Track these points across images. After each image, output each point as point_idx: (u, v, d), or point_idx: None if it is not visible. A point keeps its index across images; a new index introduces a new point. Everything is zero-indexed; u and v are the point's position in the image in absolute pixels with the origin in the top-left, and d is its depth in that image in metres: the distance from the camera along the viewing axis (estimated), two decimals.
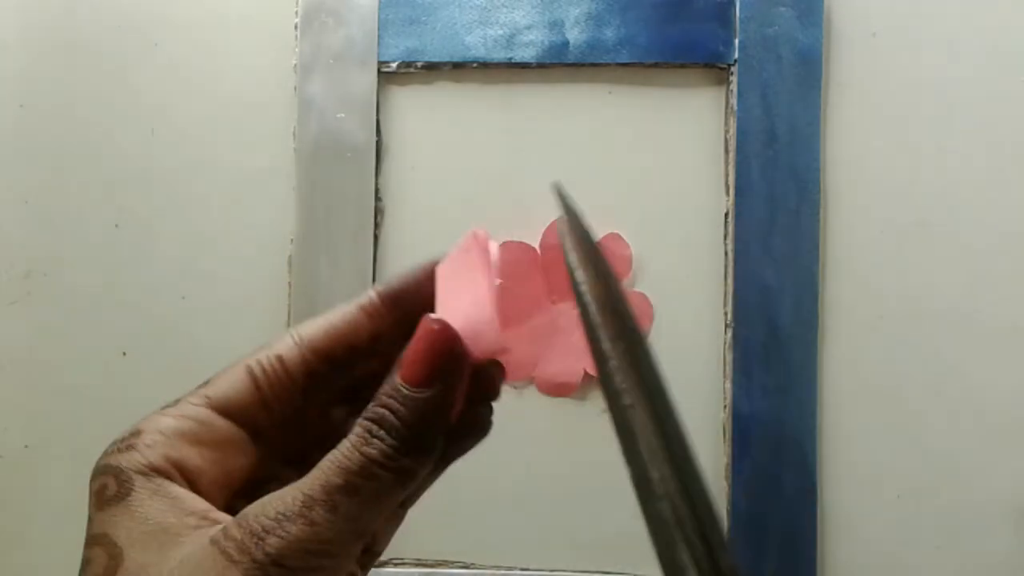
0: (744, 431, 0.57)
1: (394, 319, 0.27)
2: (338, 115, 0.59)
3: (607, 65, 0.59)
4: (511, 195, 0.60)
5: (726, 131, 0.59)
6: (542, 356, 0.59)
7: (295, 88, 0.60)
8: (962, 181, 0.58)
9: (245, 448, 0.25)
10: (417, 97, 0.60)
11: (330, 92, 0.59)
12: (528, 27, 0.59)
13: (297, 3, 0.60)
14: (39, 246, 0.61)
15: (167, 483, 0.23)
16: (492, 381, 0.27)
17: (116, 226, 0.61)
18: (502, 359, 0.27)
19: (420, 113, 0.60)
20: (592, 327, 0.23)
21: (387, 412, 0.23)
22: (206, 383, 0.26)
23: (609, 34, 0.59)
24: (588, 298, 0.24)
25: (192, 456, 0.24)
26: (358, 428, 0.24)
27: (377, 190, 0.60)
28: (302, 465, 0.26)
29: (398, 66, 0.60)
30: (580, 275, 0.24)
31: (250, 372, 0.26)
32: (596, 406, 0.59)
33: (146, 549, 0.22)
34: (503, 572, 0.58)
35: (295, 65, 0.60)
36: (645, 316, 0.59)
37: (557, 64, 0.59)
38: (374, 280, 0.59)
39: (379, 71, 0.59)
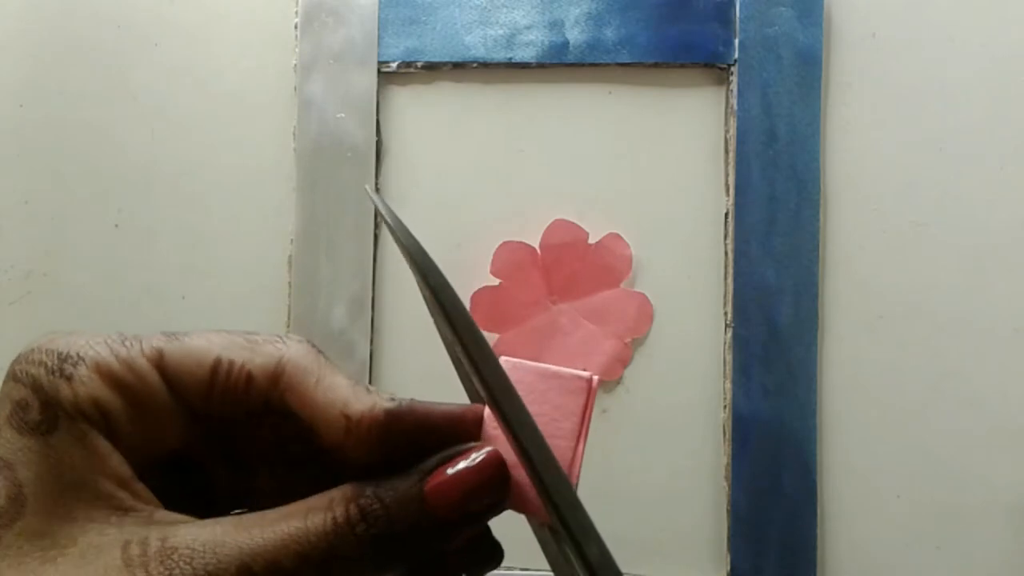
0: (744, 431, 0.57)
1: (371, 445, 0.23)
2: (338, 115, 0.59)
3: (607, 65, 0.59)
4: (511, 195, 0.60)
5: (726, 131, 0.59)
6: (542, 356, 0.59)
7: (295, 88, 0.60)
8: (962, 181, 0.58)
9: (173, 424, 0.23)
10: (417, 97, 0.60)
11: (330, 92, 0.59)
12: (528, 27, 0.59)
13: (297, 3, 0.60)
14: (39, 246, 0.61)
15: (93, 433, 0.21)
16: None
17: (116, 226, 0.61)
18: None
19: (420, 113, 0.60)
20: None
21: (385, 513, 0.21)
22: (170, 336, 0.23)
23: (609, 34, 0.59)
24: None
25: (121, 412, 0.22)
26: (338, 509, 0.21)
27: (377, 190, 0.60)
28: (236, 463, 0.24)
29: (398, 66, 0.60)
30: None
31: (215, 366, 0.23)
32: (596, 406, 0.59)
33: (48, 511, 0.20)
34: (503, 572, 0.58)
35: (295, 65, 0.60)
36: (645, 316, 0.59)
37: (557, 64, 0.59)
38: (374, 280, 0.59)
39: (379, 71, 0.59)
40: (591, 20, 0.59)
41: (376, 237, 0.59)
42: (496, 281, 0.59)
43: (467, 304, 0.59)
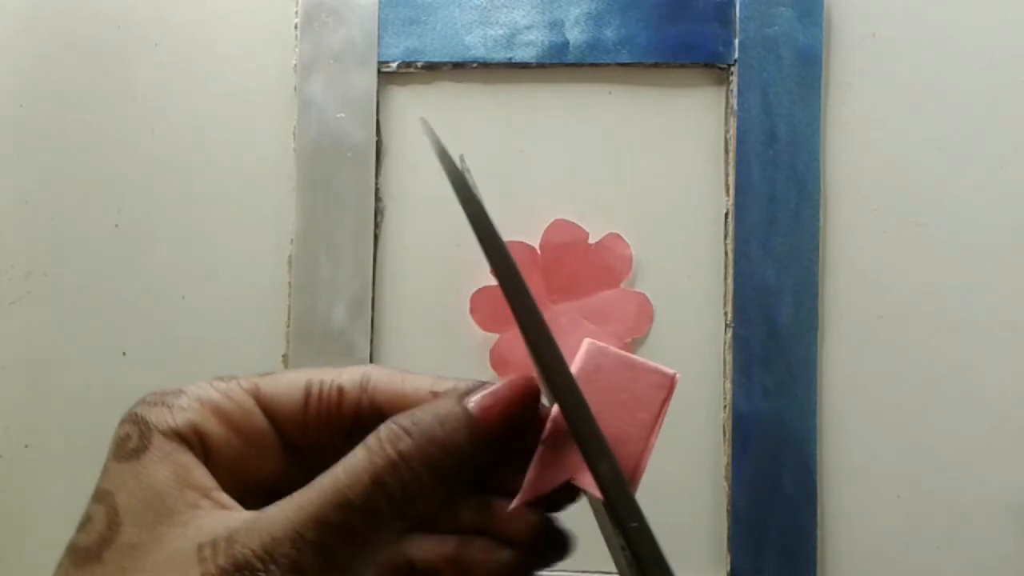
0: (744, 431, 0.57)
1: None
2: (338, 115, 0.59)
3: (607, 65, 0.59)
4: (511, 195, 0.60)
5: (726, 131, 0.59)
6: None
7: (295, 88, 0.60)
8: (962, 181, 0.58)
9: (272, 453, 0.25)
10: (417, 97, 0.60)
11: (330, 92, 0.59)
12: (528, 27, 0.59)
13: (297, 3, 0.60)
14: (39, 246, 0.61)
15: (181, 449, 0.23)
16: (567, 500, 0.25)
17: (116, 226, 0.61)
18: None
19: (420, 113, 0.60)
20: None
21: (420, 426, 0.22)
22: (263, 375, 0.25)
23: (609, 34, 0.59)
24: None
25: (219, 435, 0.24)
26: (370, 440, 0.22)
27: (377, 190, 0.60)
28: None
29: (398, 66, 0.60)
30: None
31: (308, 387, 0.25)
32: None
33: (140, 524, 0.22)
34: None
35: (295, 65, 0.60)
36: (645, 316, 0.59)
37: (557, 64, 0.59)
38: (374, 280, 0.59)
39: (379, 71, 0.59)
40: (591, 20, 0.59)
41: (376, 237, 0.59)
42: (496, 281, 0.59)
43: (467, 304, 0.59)
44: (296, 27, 0.60)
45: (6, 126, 0.61)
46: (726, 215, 0.58)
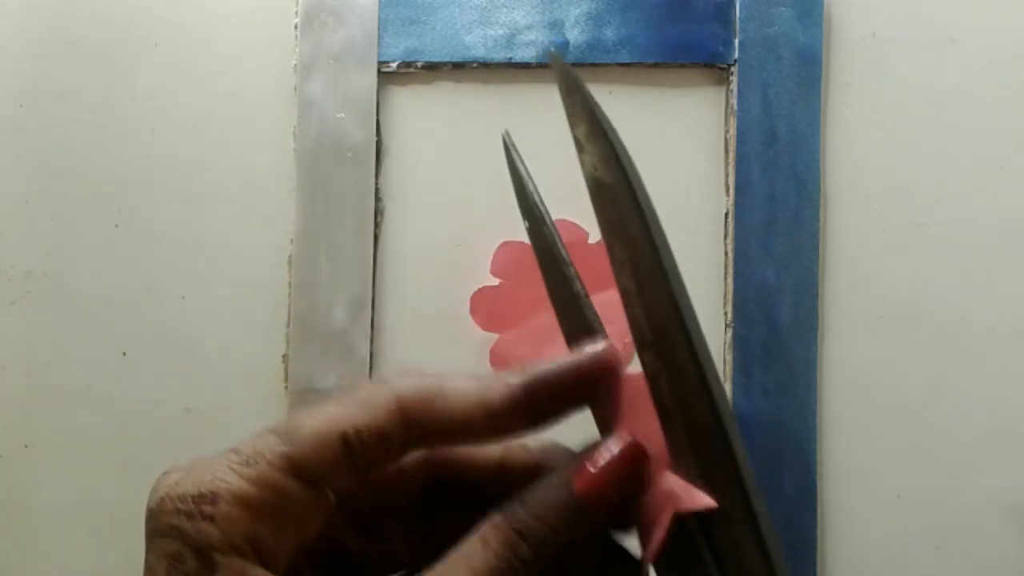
0: (744, 431, 0.57)
1: (517, 421, 0.23)
2: (338, 115, 0.59)
3: (607, 65, 0.59)
4: (511, 195, 0.60)
5: (726, 131, 0.59)
6: (542, 356, 0.59)
7: (295, 88, 0.60)
8: (962, 181, 0.58)
9: (319, 512, 0.23)
10: (417, 97, 0.60)
11: (330, 92, 0.59)
12: (528, 27, 0.59)
13: (297, 3, 0.60)
14: (39, 246, 0.61)
15: (248, 566, 0.21)
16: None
17: (116, 226, 0.61)
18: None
19: (420, 113, 0.60)
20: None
21: (541, 526, 0.21)
22: (286, 435, 0.22)
23: (609, 34, 0.59)
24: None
25: (269, 534, 0.22)
26: (494, 542, 0.21)
27: (377, 190, 0.60)
28: (369, 531, 0.24)
29: (398, 66, 0.60)
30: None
31: (344, 439, 0.22)
32: None
33: None
34: None
35: (295, 65, 0.60)
36: None
37: None
38: (374, 280, 0.59)
39: (379, 71, 0.59)
40: (591, 20, 0.59)
41: (376, 237, 0.59)
42: (496, 281, 0.59)
43: (467, 304, 0.59)
44: (296, 27, 0.60)
45: (6, 126, 0.61)
46: (726, 215, 0.58)
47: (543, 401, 0.23)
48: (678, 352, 0.22)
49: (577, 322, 0.26)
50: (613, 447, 0.22)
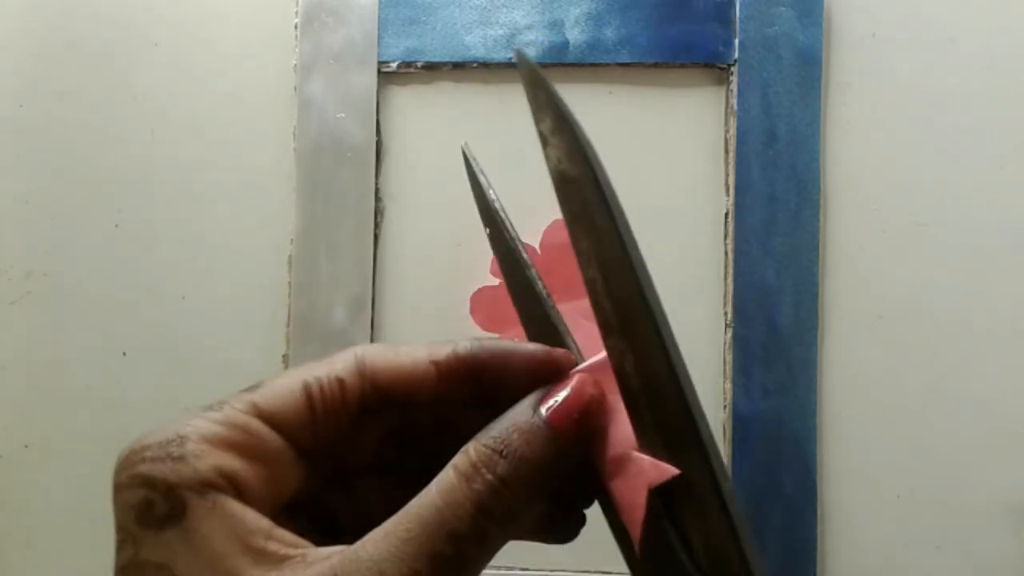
0: (744, 431, 0.57)
1: (460, 386, 0.24)
2: (338, 115, 0.59)
3: (607, 65, 0.59)
4: (511, 195, 0.60)
5: (726, 131, 0.59)
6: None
7: (295, 88, 0.60)
8: (962, 181, 0.58)
9: (292, 465, 0.23)
10: (417, 97, 0.60)
11: (330, 92, 0.59)
12: (528, 27, 0.59)
13: (297, 3, 0.60)
14: (39, 246, 0.61)
15: (223, 498, 0.21)
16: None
17: (116, 226, 0.61)
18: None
19: (420, 113, 0.60)
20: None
21: (510, 446, 0.22)
22: (252, 388, 0.24)
23: (609, 34, 0.59)
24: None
25: (242, 469, 0.22)
26: (462, 465, 0.22)
27: (377, 190, 0.60)
28: (346, 489, 0.25)
29: (398, 66, 0.60)
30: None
31: (306, 389, 0.23)
32: None
33: None
34: (503, 572, 0.58)
35: (295, 65, 0.60)
36: None
37: (557, 64, 0.59)
38: (374, 280, 0.59)
39: (379, 71, 0.59)
40: (591, 20, 0.59)
41: (376, 237, 0.59)
42: (496, 281, 0.59)
43: (467, 304, 0.59)
44: (296, 27, 0.60)
45: (6, 126, 0.61)
46: (726, 215, 0.58)
47: (486, 370, 0.24)
48: (643, 335, 0.22)
49: (539, 322, 0.28)
50: (569, 383, 0.23)
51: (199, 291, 0.61)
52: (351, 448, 0.25)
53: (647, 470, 0.22)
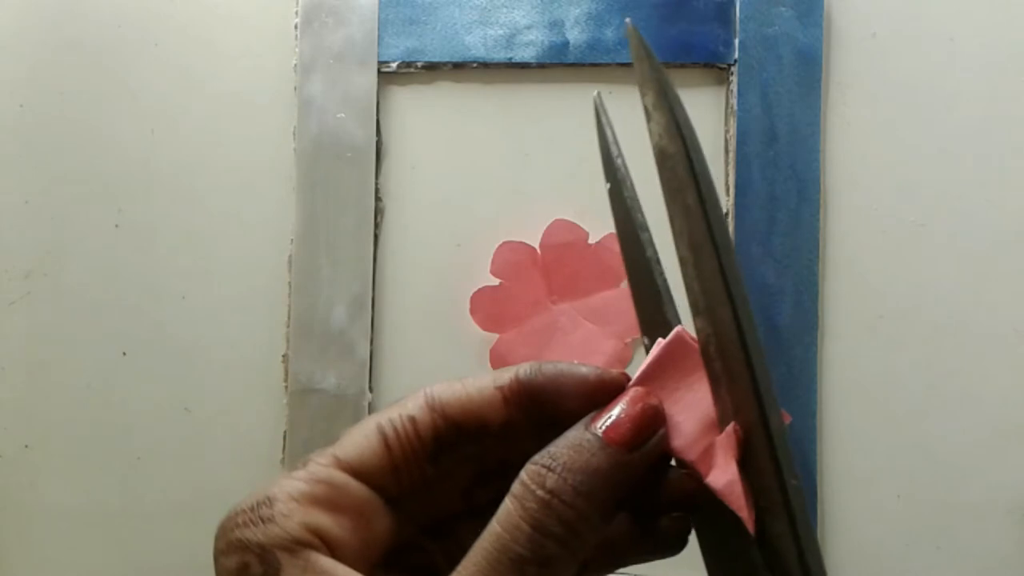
0: None
1: (525, 412, 0.24)
2: (338, 115, 0.59)
3: (607, 65, 0.59)
4: (511, 195, 0.60)
5: (726, 131, 0.59)
6: (542, 356, 0.59)
7: (295, 88, 0.60)
8: (962, 181, 0.58)
9: (381, 514, 0.24)
10: (417, 97, 0.60)
11: (330, 92, 0.59)
12: (528, 27, 0.59)
13: (297, 3, 0.60)
14: (39, 246, 0.61)
15: (315, 555, 0.21)
16: (686, 491, 0.24)
17: (116, 226, 0.61)
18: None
19: (420, 113, 0.60)
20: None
21: (562, 464, 0.21)
22: (333, 442, 0.24)
23: (609, 34, 0.59)
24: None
25: (331, 525, 0.22)
26: (515, 488, 0.21)
27: (377, 190, 0.60)
28: (439, 535, 0.25)
29: (398, 66, 0.60)
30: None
31: (381, 431, 0.24)
32: None
33: None
34: None
35: (295, 65, 0.60)
36: None
37: (557, 64, 0.59)
38: (374, 280, 0.59)
39: (379, 71, 0.59)
40: (591, 20, 0.59)
41: (376, 237, 0.59)
42: (496, 281, 0.59)
43: (467, 304, 0.59)
44: (296, 27, 0.60)
45: (6, 126, 0.61)
46: (726, 215, 0.58)
47: (543, 393, 0.24)
48: (723, 320, 0.23)
49: (648, 288, 0.28)
50: (623, 398, 0.23)
51: (199, 291, 0.61)
52: (441, 493, 0.25)
53: (734, 447, 0.22)
